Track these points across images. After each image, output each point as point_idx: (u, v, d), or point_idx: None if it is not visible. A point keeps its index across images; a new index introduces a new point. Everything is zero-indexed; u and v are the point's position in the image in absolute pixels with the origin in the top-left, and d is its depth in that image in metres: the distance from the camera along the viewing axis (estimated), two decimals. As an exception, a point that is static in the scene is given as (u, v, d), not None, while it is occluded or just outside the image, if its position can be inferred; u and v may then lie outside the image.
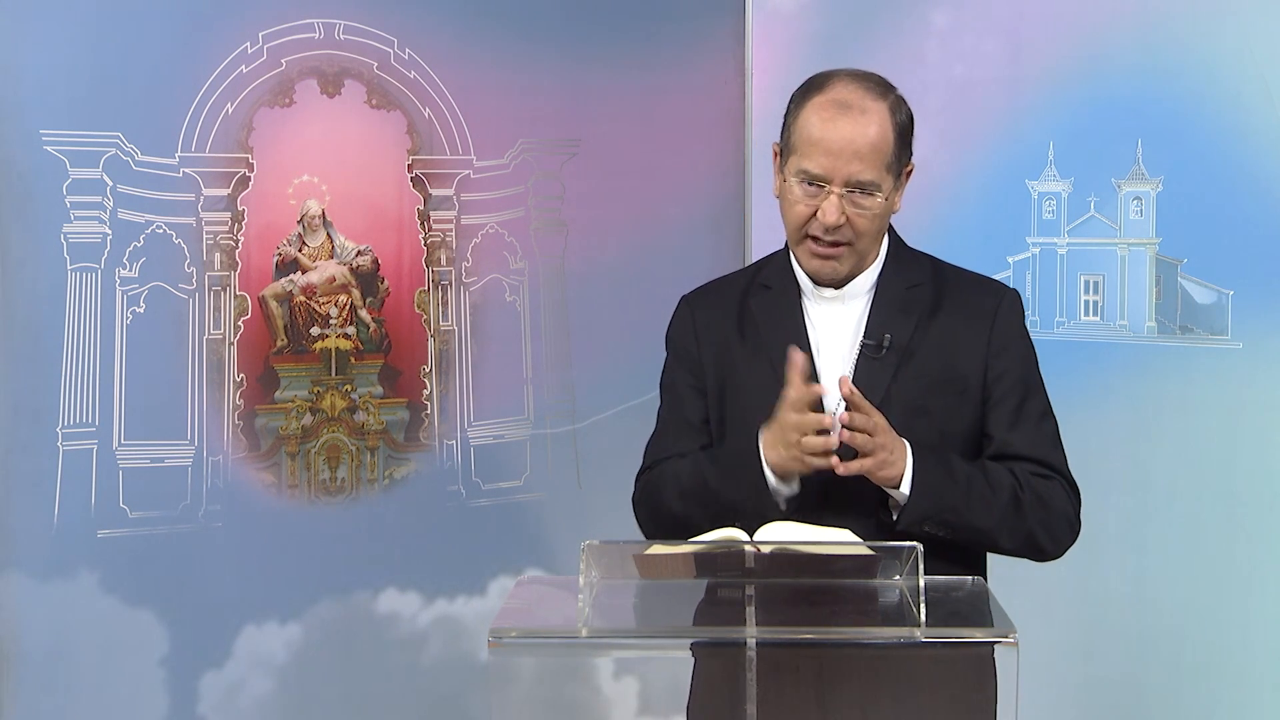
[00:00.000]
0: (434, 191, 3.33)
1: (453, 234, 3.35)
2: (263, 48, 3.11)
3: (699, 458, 2.19)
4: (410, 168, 3.30)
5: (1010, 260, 3.31)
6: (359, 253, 3.25)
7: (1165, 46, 3.06)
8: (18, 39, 2.86)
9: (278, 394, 3.18)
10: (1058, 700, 3.14)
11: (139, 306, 3.01)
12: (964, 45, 3.37)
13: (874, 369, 2.13)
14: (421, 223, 3.32)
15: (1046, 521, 2.13)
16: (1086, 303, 3.22)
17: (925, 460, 2.07)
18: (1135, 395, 3.13)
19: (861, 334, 2.15)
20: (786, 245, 2.23)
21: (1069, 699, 3.18)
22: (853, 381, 2.10)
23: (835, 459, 2.03)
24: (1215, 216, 3.01)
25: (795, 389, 2.05)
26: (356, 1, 3.21)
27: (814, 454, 2.03)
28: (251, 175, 3.12)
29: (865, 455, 2.04)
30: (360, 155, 3.25)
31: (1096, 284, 3.21)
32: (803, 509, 2.08)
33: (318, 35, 3.18)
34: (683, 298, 2.33)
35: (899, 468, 2.05)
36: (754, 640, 1.75)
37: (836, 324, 2.17)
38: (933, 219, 3.40)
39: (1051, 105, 3.23)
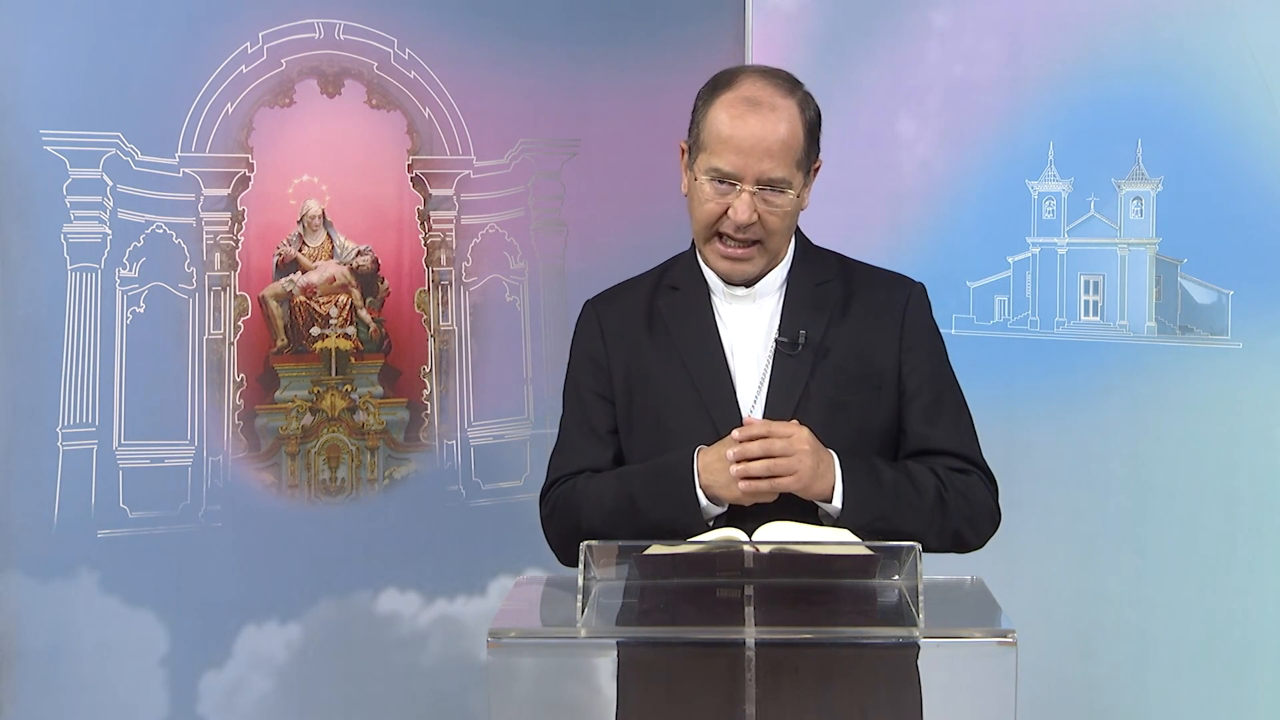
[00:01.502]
0: (434, 191, 3.33)
1: (453, 234, 3.35)
2: (263, 48, 3.11)
3: (622, 476, 2.15)
4: (410, 168, 3.30)
5: (1010, 260, 3.31)
6: (359, 253, 3.26)
7: (1165, 46, 3.06)
8: (18, 39, 2.86)
9: (278, 394, 3.18)
10: (1057, 700, 3.14)
11: (139, 306, 3.02)
12: (964, 45, 3.37)
13: (790, 366, 2.12)
14: (421, 223, 3.32)
15: (971, 517, 2.13)
16: (1086, 303, 3.22)
17: (854, 471, 2.05)
18: (1135, 395, 3.13)
19: (774, 332, 2.14)
20: (693, 245, 2.21)
21: (1069, 699, 3.18)
22: (770, 379, 2.11)
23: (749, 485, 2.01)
24: (1215, 216, 3.01)
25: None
26: (356, 1, 3.21)
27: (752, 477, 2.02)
28: (251, 175, 3.12)
29: (785, 475, 2.01)
30: (360, 155, 3.25)
31: (1096, 284, 3.21)
32: (732, 521, 2.05)
33: (318, 35, 3.18)
34: (587, 302, 2.29)
35: (828, 481, 2.03)
36: (753, 640, 1.75)
37: (748, 322, 2.16)
38: (933, 219, 3.41)
39: (1051, 105, 3.23)
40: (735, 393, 2.13)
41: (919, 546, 1.80)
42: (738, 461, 2.00)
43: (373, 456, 3.28)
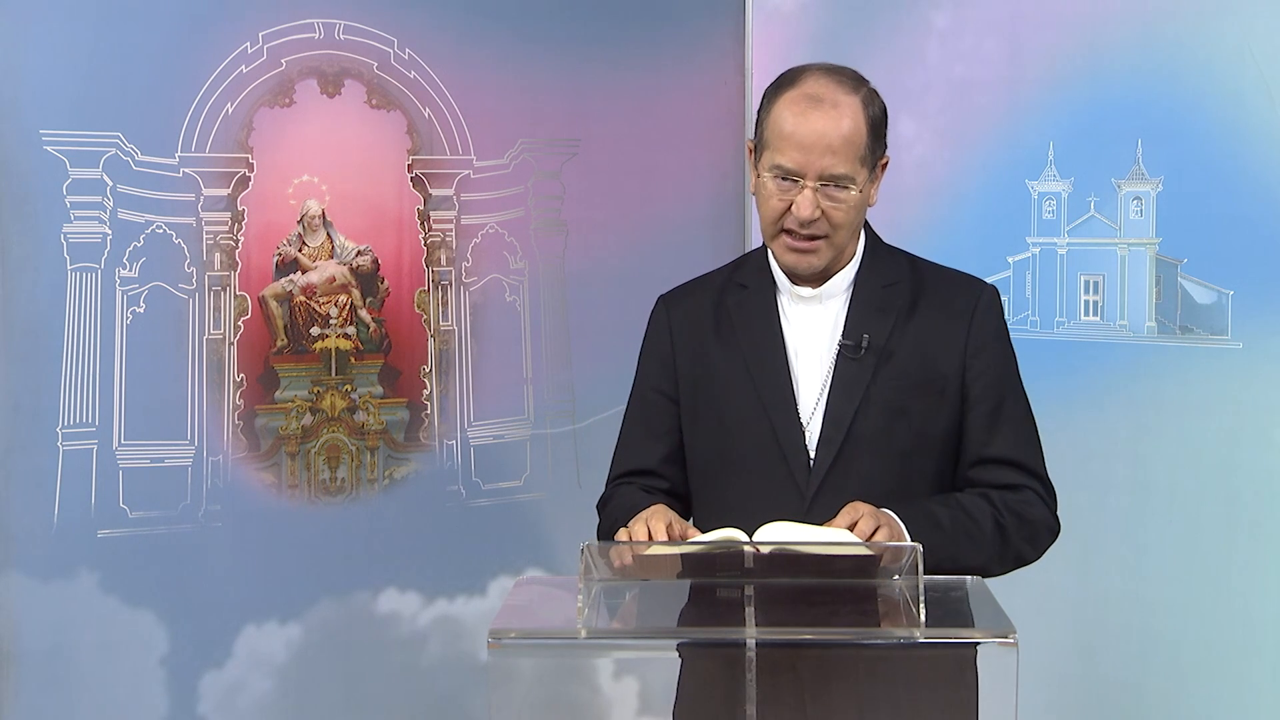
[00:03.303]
0: (434, 191, 3.33)
1: (453, 234, 3.35)
2: (263, 48, 3.11)
3: (634, 496, 2.19)
4: (410, 168, 3.30)
5: (1010, 260, 3.31)
6: (359, 253, 3.25)
7: (1165, 46, 3.06)
8: (18, 39, 2.86)
9: (278, 394, 3.18)
10: (1058, 700, 3.15)
11: (139, 306, 3.01)
12: (964, 45, 3.37)
13: (853, 369, 2.12)
14: (421, 223, 3.32)
15: (1030, 537, 2.14)
16: (1086, 303, 3.22)
17: (914, 520, 2.03)
18: (1135, 395, 3.13)
19: (839, 334, 2.14)
20: (764, 243, 2.22)
21: (1069, 699, 3.18)
22: (832, 381, 2.11)
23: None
24: (1215, 216, 3.01)
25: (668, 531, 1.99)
26: (356, 1, 3.21)
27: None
28: (251, 175, 3.12)
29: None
30: (360, 155, 3.25)
31: (1096, 284, 3.21)
32: None
33: (318, 35, 3.18)
34: (660, 297, 2.32)
35: (904, 539, 2.01)
36: (753, 640, 1.75)
37: (814, 324, 2.16)
38: (933, 219, 3.41)
39: (1051, 105, 3.23)
40: (795, 395, 2.13)
41: (919, 547, 1.79)
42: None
43: (373, 456, 3.28)
